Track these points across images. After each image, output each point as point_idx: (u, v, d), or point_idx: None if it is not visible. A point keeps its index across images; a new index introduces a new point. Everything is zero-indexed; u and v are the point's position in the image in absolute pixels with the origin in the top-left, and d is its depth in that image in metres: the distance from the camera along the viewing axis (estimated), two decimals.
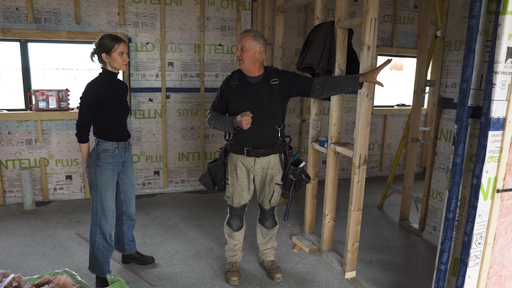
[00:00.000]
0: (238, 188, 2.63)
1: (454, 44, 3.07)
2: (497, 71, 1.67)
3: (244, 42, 2.41)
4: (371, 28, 2.48)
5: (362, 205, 2.76)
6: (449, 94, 3.14)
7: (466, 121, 1.83)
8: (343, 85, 2.52)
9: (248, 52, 2.41)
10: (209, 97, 4.49)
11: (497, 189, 1.78)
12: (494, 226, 1.82)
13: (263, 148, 2.54)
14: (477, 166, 1.76)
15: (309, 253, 3.16)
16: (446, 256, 1.94)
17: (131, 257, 2.95)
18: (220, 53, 4.44)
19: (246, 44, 2.41)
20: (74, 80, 4.60)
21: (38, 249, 3.14)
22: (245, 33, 2.45)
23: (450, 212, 1.89)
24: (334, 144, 2.91)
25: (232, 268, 2.79)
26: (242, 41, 2.42)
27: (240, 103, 2.51)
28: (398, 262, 3.06)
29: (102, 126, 2.48)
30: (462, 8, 2.98)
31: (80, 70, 4.58)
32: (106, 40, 2.40)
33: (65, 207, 4.02)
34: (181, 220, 3.78)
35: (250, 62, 2.44)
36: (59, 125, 4.07)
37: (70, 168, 4.18)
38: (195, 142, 4.56)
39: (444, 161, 3.21)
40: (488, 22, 1.77)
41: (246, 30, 2.49)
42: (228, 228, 2.78)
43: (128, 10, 4.06)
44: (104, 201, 2.51)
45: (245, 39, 2.42)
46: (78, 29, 3.95)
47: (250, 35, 2.42)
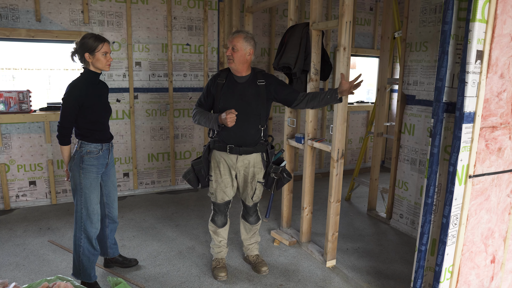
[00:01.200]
0: (221, 184, 2.68)
1: (415, 46, 3.35)
2: (469, 71, 1.88)
3: (235, 42, 2.48)
4: (346, 30, 2.65)
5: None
6: (411, 91, 3.42)
7: (441, 116, 2.04)
8: (324, 99, 2.52)
9: (238, 53, 2.48)
10: (177, 97, 4.47)
11: (469, 175, 2.01)
12: (467, 208, 2.05)
13: (246, 146, 2.61)
14: (453, 155, 1.97)
15: (289, 246, 3.29)
16: (426, 238, 2.15)
17: (114, 261, 2.89)
18: (188, 52, 4.44)
19: (237, 44, 2.47)
20: (35, 81, 4.36)
21: (9, 260, 2.97)
22: (237, 33, 2.52)
23: (429, 197, 2.10)
24: (311, 140, 3.06)
25: (219, 265, 2.84)
26: (234, 41, 2.48)
27: (226, 101, 2.57)
28: (372, 249, 3.29)
29: (85, 127, 2.42)
30: (421, 13, 3.27)
31: (42, 70, 4.35)
32: (90, 40, 2.35)
33: (31, 215, 3.82)
34: (157, 221, 3.75)
35: (240, 62, 2.51)
36: (21, 128, 3.85)
37: (33, 174, 3.97)
38: (164, 143, 4.51)
39: (408, 153, 3.49)
40: (458, 27, 1.99)
41: (237, 30, 2.56)
42: (212, 225, 2.83)
43: (93, 8, 3.93)
44: (89, 204, 2.45)
45: (236, 40, 2.48)
46: (39, 27, 3.76)
47: (242, 36, 2.49)
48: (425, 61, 3.26)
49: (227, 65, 2.61)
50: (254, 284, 2.72)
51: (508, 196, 2.23)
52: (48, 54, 4.15)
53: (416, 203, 3.44)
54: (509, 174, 2.18)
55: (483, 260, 2.23)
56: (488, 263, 2.26)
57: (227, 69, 2.66)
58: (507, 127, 2.09)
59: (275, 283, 2.74)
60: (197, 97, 4.57)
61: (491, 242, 2.24)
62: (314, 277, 2.82)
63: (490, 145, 2.06)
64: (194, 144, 4.67)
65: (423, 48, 3.26)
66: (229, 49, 2.53)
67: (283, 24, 4.85)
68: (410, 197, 3.49)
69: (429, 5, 3.18)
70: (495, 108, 2.02)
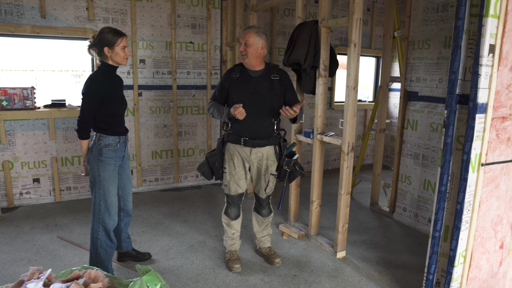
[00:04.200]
0: (235, 176, 2.74)
1: (417, 44, 3.47)
2: (482, 64, 1.99)
3: (247, 37, 2.54)
4: (357, 27, 2.74)
5: (335, 193, 3.02)
6: (414, 88, 3.53)
7: (454, 107, 2.13)
8: None
9: (251, 47, 2.55)
10: (181, 94, 4.50)
11: (481, 163, 2.11)
12: (479, 195, 2.15)
13: (259, 139, 2.67)
14: (466, 144, 2.07)
15: (298, 239, 3.35)
16: (440, 224, 2.24)
17: (127, 255, 2.91)
18: (191, 50, 4.47)
19: (249, 39, 2.54)
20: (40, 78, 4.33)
21: (20, 255, 2.96)
22: (248, 29, 2.58)
23: (443, 185, 2.20)
24: (320, 135, 3.14)
25: (233, 257, 2.88)
26: (246, 37, 2.55)
27: (240, 95, 2.63)
28: (378, 241, 3.38)
29: (103, 121, 2.44)
30: (423, 12, 3.39)
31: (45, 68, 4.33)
32: (108, 34, 2.38)
33: (36, 212, 3.79)
34: (164, 217, 3.77)
35: (253, 57, 2.58)
36: (25, 125, 3.82)
37: (37, 171, 3.94)
38: (168, 140, 4.53)
39: (411, 148, 3.60)
40: (470, 23, 2.09)
41: (249, 26, 2.62)
42: (226, 218, 2.88)
43: (97, 5, 3.94)
44: (108, 197, 2.47)
45: (248, 35, 2.55)
46: (44, 23, 3.74)
47: (253, 31, 2.55)
48: (428, 59, 3.37)
49: (230, 63, 2.66)
50: (269, 275, 2.77)
51: None
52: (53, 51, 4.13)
53: (419, 196, 3.55)
54: None
55: (492, 246, 2.34)
56: (497, 249, 2.37)
57: (241, 64, 2.72)
58: None
59: (289, 273, 2.80)
60: (200, 95, 4.61)
61: (500, 229, 2.35)
62: (326, 268, 2.89)
63: (500, 135, 2.17)
64: (197, 141, 4.70)
65: (426, 46, 3.38)
66: (241, 44, 2.59)
67: (283, 23, 4.93)
68: (414, 190, 3.60)
69: (431, 5, 3.30)
70: (505, 99, 2.13)
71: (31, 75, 4.13)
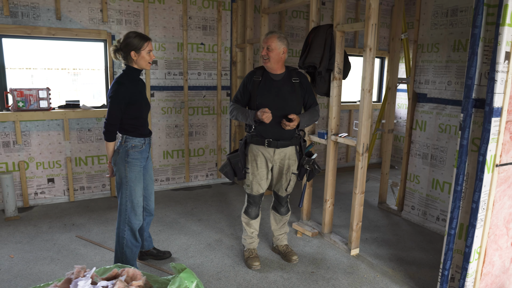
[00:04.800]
0: (257, 177, 2.83)
1: (426, 47, 3.57)
2: (498, 70, 2.09)
3: (270, 42, 2.63)
4: (372, 32, 2.83)
5: (343, 192, 3.12)
6: (422, 89, 3.64)
7: (470, 111, 2.24)
8: None
9: (273, 52, 2.63)
10: (192, 95, 4.57)
11: (496, 164, 2.22)
12: (493, 194, 2.26)
13: (283, 140, 2.76)
14: (482, 146, 2.18)
15: (312, 237, 3.45)
16: (455, 222, 2.35)
17: (148, 253, 2.99)
18: (202, 52, 4.54)
19: (272, 44, 2.62)
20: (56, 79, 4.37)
21: (43, 254, 3.02)
22: (271, 34, 2.66)
23: (458, 185, 2.30)
24: (335, 136, 3.24)
25: (252, 254, 2.97)
26: (268, 42, 2.63)
27: (263, 98, 2.71)
28: (389, 238, 3.49)
29: (128, 123, 2.51)
30: (433, 16, 3.49)
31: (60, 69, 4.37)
32: (135, 39, 2.44)
33: (51, 212, 3.85)
34: (179, 216, 3.85)
35: (275, 61, 2.66)
36: (40, 126, 3.87)
37: (52, 171, 4.00)
38: (179, 140, 4.60)
39: (420, 148, 3.71)
40: (486, 31, 2.19)
41: (271, 31, 2.70)
42: (245, 217, 2.96)
43: (111, 7, 3.99)
44: (134, 197, 2.55)
45: (271, 40, 2.63)
46: (59, 25, 3.79)
47: (276, 36, 2.64)
48: (437, 62, 3.48)
49: (239, 64, 2.75)
50: (287, 272, 2.87)
51: None
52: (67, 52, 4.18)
53: (428, 195, 3.66)
54: None
55: (505, 243, 2.45)
56: (509, 245, 2.48)
57: (262, 67, 2.80)
58: None
59: (306, 270, 2.90)
60: (210, 96, 4.68)
61: (511, 226, 2.46)
62: (342, 265, 2.99)
63: None
64: (207, 141, 4.78)
65: (435, 49, 3.48)
66: (264, 49, 2.67)
67: (291, 25, 5.02)
68: (422, 189, 3.71)
69: (441, 9, 3.40)
70: None
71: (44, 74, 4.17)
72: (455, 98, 3.35)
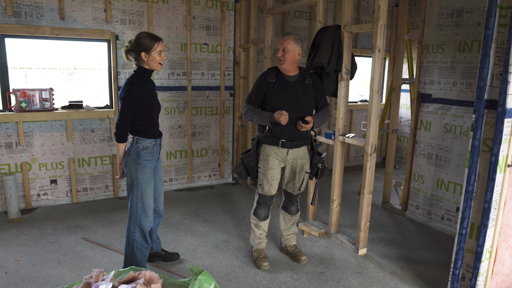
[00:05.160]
0: (268, 176, 2.84)
1: (431, 48, 3.59)
2: (511, 72, 2.11)
3: (286, 44, 2.65)
4: (381, 33, 2.85)
5: (346, 192, 3.13)
6: (427, 90, 3.66)
7: (482, 111, 2.26)
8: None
9: (289, 53, 2.65)
10: (195, 95, 4.55)
11: (508, 164, 2.25)
12: (505, 194, 2.28)
13: (296, 140, 2.79)
14: (495, 146, 2.20)
15: (319, 237, 3.46)
16: (466, 222, 2.37)
17: (156, 255, 2.97)
18: (205, 52, 4.52)
19: (288, 46, 2.65)
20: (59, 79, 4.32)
21: (49, 257, 2.99)
22: (287, 36, 2.69)
23: (470, 185, 2.32)
24: (342, 136, 3.25)
25: (261, 255, 2.97)
26: (285, 43, 2.66)
27: (278, 100, 2.72)
28: (395, 238, 3.51)
29: (140, 124, 2.49)
30: (438, 17, 3.51)
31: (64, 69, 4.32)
32: (145, 40, 2.43)
33: (55, 213, 3.81)
34: (184, 217, 3.83)
35: (290, 63, 2.69)
36: (43, 126, 3.83)
37: (55, 172, 3.95)
38: (182, 140, 4.58)
39: (424, 148, 3.74)
40: (498, 33, 2.21)
41: (287, 33, 2.74)
42: (255, 218, 2.96)
43: (115, 7, 3.96)
44: (145, 199, 2.53)
45: (287, 42, 2.66)
46: (63, 25, 3.75)
47: (292, 38, 2.66)
48: (442, 62, 3.51)
49: (243, 64, 2.75)
50: (297, 273, 2.87)
51: None
52: (70, 52, 4.14)
53: (432, 194, 3.69)
54: None
55: None
56: None
57: (276, 67, 2.82)
58: None
59: (316, 270, 2.90)
60: (214, 96, 4.67)
61: None
62: (350, 265, 3.00)
63: None
64: (210, 142, 4.76)
65: (440, 50, 3.51)
66: (279, 50, 2.69)
67: (294, 25, 5.02)
68: (427, 189, 3.74)
69: (446, 10, 3.43)
70: None
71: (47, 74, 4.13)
72: (460, 98, 3.38)
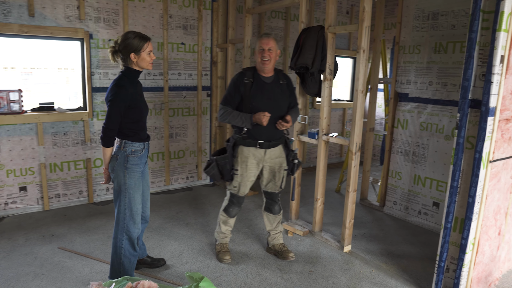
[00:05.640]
0: (245, 178, 2.86)
1: (408, 48, 3.72)
2: (494, 73, 2.22)
3: (271, 44, 2.67)
4: (366, 34, 2.91)
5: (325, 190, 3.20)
6: (404, 89, 3.79)
7: (467, 110, 2.36)
8: None
9: (273, 53, 2.69)
10: (172, 96, 4.44)
11: (490, 160, 2.36)
12: (487, 188, 2.40)
13: (274, 140, 2.84)
14: (479, 143, 2.30)
15: (303, 236, 3.48)
16: (451, 216, 2.47)
17: (142, 262, 2.87)
18: (182, 51, 4.43)
19: (273, 46, 2.67)
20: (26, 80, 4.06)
21: (24, 270, 2.80)
22: (268, 36, 2.72)
23: (455, 181, 2.42)
24: (326, 135, 3.29)
25: (223, 249, 3.04)
26: (270, 43, 2.66)
27: (257, 101, 2.75)
28: (376, 233, 3.60)
29: (129, 127, 2.39)
30: (414, 19, 3.64)
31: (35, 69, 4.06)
32: (135, 40, 2.33)
33: (25, 222, 3.58)
34: (165, 221, 3.73)
35: (273, 63, 2.74)
36: (11, 130, 3.59)
37: (24, 178, 3.72)
38: (159, 142, 4.46)
39: (401, 146, 3.86)
40: (481, 35, 2.32)
41: (266, 33, 2.79)
42: (225, 215, 3.00)
43: (89, 4, 3.78)
44: (133, 205, 2.44)
45: (271, 42, 2.68)
46: (32, 22, 3.53)
47: (273, 38, 2.75)
48: (418, 63, 3.64)
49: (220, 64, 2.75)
50: (286, 273, 2.87)
51: (511, 178, 2.64)
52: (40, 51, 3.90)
53: (409, 190, 3.83)
54: None
55: (493, 233, 2.62)
56: (496, 235, 2.65)
57: (251, 68, 2.84)
58: None
59: (304, 269, 2.92)
60: (191, 96, 4.58)
61: (498, 217, 2.63)
62: (337, 262, 3.04)
63: (504, 135, 2.43)
64: (187, 143, 4.67)
65: (416, 51, 3.64)
66: (265, 50, 2.70)
67: (270, 25, 5.03)
68: (404, 185, 3.87)
69: (422, 13, 3.56)
70: (509, 103, 2.39)
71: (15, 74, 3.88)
72: (436, 97, 3.52)
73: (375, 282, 2.77)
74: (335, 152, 6.09)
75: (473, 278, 2.51)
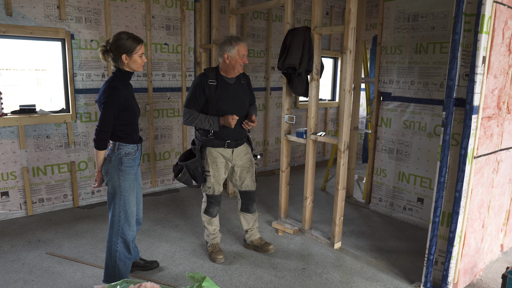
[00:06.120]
0: (217, 177, 2.93)
1: (390, 49, 3.83)
2: (477, 73, 2.33)
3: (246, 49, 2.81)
4: (352, 35, 2.98)
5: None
6: (387, 89, 3.90)
7: (452, 109, 2.47)
8: None
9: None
10: (156, 97, 4.40)
11: (474, 156, 2.48)
12: (472, 183, 2.52)
13: (240, 139, 2.93)
14: (464, 140, 2.41)
15: (293, 234, 3.53)
16: (439, 211, 2.58)
17: (135, 265, 2.84)
18: (166, 52, 4.39)
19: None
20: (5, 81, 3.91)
21: (12, 277, 2.72)
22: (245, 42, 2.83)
23: (442, 177, 2.53)
24: (314, 135, 3.34)
25: (215, 249, 3.06)
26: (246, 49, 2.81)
27: (222, 103, 2.80)
28: (364, 230, 3.70)
29: (122, 129, 2.37)
30: (395, 20, 3.75)
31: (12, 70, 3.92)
32: (127, 41, 2.30)
33: (9, 228, 3.46)
34: (154, 224, 3.69)
35: None
36: None
37: (6, 183, 3.60)
38: (144, 144, 4.41)
39: (386, 144, 3.97)
40: (463, 37, 2.42)
41: (241, 37, 2.86)
42: (206, 217, 3.03)
43: (69, 3, 3.69)
44: (128, 207, 2.41)
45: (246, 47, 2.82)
46: (10, 21, 3.42)
47: None
48: (400, 63, 3.76)
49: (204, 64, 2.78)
50: (280, 271, 2.91)
51: (492, 173, 2.77)
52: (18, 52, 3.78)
53: (394, 187, 3.94)
54: (494, 154, 2.72)
55: (478, 226, 2.74)
56: (480, 228, 2.78)
57: (213, 69, 2.88)
58: (496, 117, 2.61)
59: (297, 267, 2.97)
60: (175, 97, 4.55)
61: (482, 211, 2.76)
62: (328, 259, 3.11)
63: (487, 132, 2.55)
64: (173, 144, 4.63)
65: (398, 51, 3.76)
66: (245, 56, 2.80)
67: (253, 26, 5.05)
68: (389, 182, 3.99)
69: (403, 14, 3.68)
70: (490, 101, 2.51)
71: None
72: (418, 96, 3.64)
73: (367, 277, 2.85)
74: (318, 151, 6.18)
75: (460, 270, 2.63)
